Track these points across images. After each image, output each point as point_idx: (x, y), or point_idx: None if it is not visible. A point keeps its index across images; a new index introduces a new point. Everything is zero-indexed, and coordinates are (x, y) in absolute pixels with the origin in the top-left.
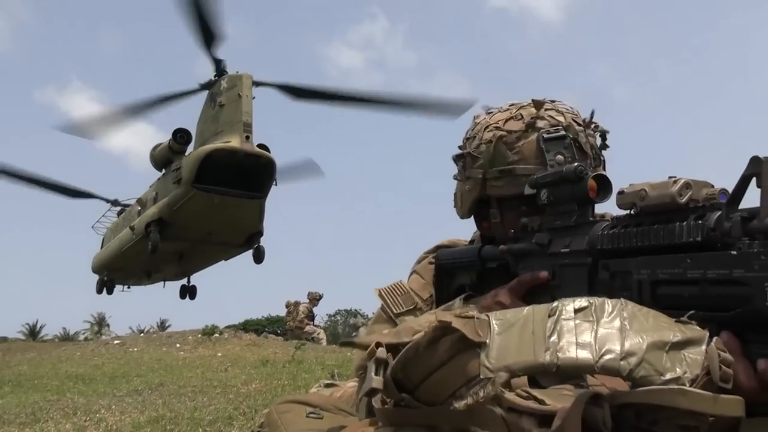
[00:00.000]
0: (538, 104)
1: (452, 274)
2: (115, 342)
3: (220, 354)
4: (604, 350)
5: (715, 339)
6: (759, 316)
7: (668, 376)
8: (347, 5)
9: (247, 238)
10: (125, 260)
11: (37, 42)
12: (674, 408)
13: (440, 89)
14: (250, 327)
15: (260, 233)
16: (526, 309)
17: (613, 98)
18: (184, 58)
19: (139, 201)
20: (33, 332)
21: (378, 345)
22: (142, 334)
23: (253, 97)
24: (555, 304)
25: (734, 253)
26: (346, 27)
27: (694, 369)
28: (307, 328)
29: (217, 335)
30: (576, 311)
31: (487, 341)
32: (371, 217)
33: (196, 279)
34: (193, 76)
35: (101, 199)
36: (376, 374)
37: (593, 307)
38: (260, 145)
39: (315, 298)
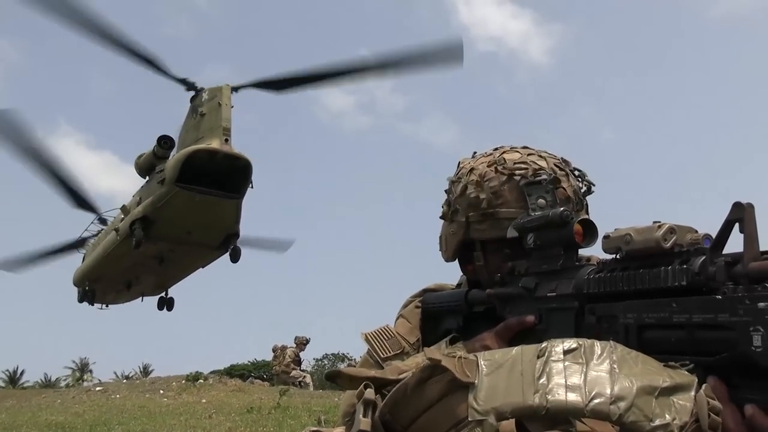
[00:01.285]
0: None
1: (439, 318)
2: (97, 389)
3: (204, 400)
4: (593, 393)
5: (704, 386)
6: (745, 361)
7: (657, 423)
8: (337, 49)
9: (224, 240)
10: (108, 265)
11: (25, 85)
12: None
13: (429, 132)
14: (236, 372)
15: (236, 235)
16: (515, 349)
17: (600, 142)
18: (173, 100)
19: (123, 208)
20: (13, 379)
21: (366, 386)
22: (125, 381)
23: (232, 106)
24: (544, 344)
25: (719, 297)
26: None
27: (683, 416)
28: (294, 373)
29: (202, 381)
30: (565, 353)
31: (476, 382)
32: (358, 262)
33: (179, 316)
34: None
35: (97, 215)
36: (364, 416)
37: (583, 349)
38: None
39: (302, 342)
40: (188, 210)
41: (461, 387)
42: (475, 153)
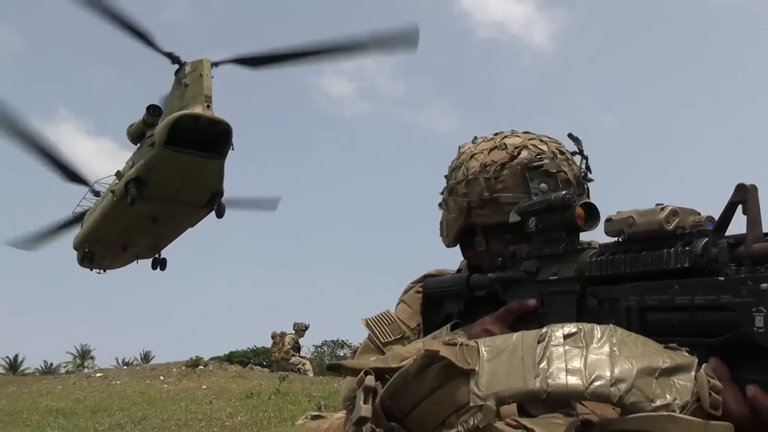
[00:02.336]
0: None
1: (440, 303)
2: (98, 375)
3: (204, 386)
4: (594, 376)
5: (704, 366)
6: (747, 342)
7: (658, 403)
8: (337, 30)
9: (210, 198)
10: (105, 227)
11: (24, 71)
12: None
13: (430, 119)
14: (236, 359)
15: (221, 193)
16: (515, 335)
17: (602, 127)
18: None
19: (118, 174)
20: (13, 366)
21: (367, 373)
22: (125, 367)
23: (212, 77)
24: (544, 329)
25: (722, 279)
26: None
27: (684, 396)
28: (293, 359)
29: (202, 367)
30: (565, 337)
31: (477, 368)
32: (358, 248)
33: (179, 303)
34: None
35: (89, 188)
36: (365, 403)
37: (582, 333)
38: None
39: (301, 329)
40: (176, 170)
41: (462, 373)
42: (475, 138)
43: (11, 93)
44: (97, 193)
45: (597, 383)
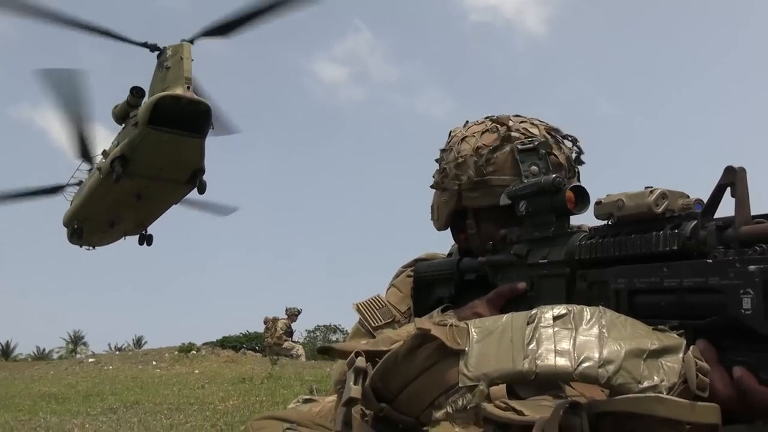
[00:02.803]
0: (505, 119)
1: (430, 287)
2: (90, 360)
3: (197, 371)
4: (582, 358)
5: (692, 347)
6: (734, 323)
7: (646, 384)
8: (330, 19)
9: (191, 175)
10: (93, 203)
11: (12, 56)
12: (652, 416)
13: (423, 103)
14: (228, 343)
15: (202, 170)
16: (505, 317)
17: (596, 112)
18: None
19: (104, 153)
20: (5, 351)
21: (357, 354)
22: (118, 352)
23: (192, 60)
24: (534, 311)
25: (710, 261)
26: (329, 41)
27: (671, 377)
28: (286, 344)
29: (194, 352)
30: (555, 319)
31: (466, 349)
32: (349, 233)
33: (171, 289)
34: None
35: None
36: (354, 384)
37: (572, 315)
38: None
39: (293, 314)
40: (159, 148)
41: (452, 354)
42: (467, 122)
43: (1, 77)
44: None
45: (585, 364)
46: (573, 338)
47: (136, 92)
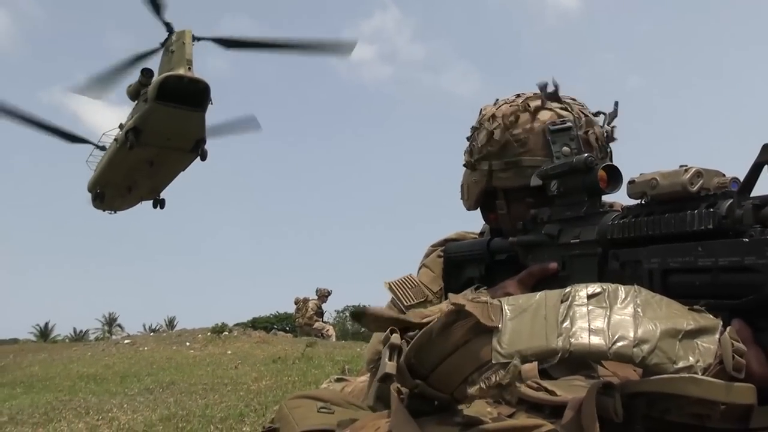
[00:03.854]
0: (548, 97)
1: (461, 267)
2: (125, 342)
3: (230, 351)
4: (617, 337)
5: (728, 328)
6: None
7: (681, 365)
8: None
9: (195, 144)
10: (112, 170)
11: (44, 41)
12: (686, 396)
13: (451, 81)
14: (259, 324)
15: (203, 140)
16: (539, 294)
17: (626, 87)
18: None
19: (120, 126)
20: (44, 333)
21: (392, 331)
22: (152, 333)
23: (193, 44)
24: (568, 289)
25: (746, 240)
26: (357, 20)
27: (706, 358)
28: (316, 325)
29: (227, 333)
30: (589, 297)
31: (500, 326)
32: (379, 213)
33: (202, 270)
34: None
35: (94, 144)
36: (390, 360)
37: (607, 294)
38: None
39: (324, 295)
40: (166, 120)
41: (485, 331)
42: (497, 100)
43: (32, 61)
44: (103, 148)
45: (620, 344)
46: (607, 317)
47: (146, 73)
